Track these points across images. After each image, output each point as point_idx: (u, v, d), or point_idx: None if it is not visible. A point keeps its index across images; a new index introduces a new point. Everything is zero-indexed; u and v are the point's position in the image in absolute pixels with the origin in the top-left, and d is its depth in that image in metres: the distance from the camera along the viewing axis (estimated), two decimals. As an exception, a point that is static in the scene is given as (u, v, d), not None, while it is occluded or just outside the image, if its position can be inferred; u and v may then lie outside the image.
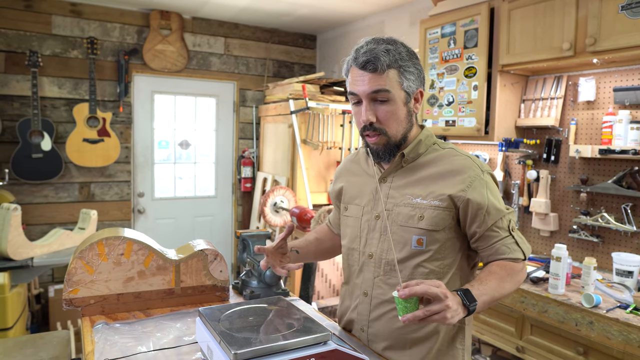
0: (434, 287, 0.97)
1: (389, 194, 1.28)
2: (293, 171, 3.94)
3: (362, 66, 1.18)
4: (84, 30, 3.83)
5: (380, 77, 1.17)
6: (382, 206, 1.27)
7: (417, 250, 1.21)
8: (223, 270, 1.68)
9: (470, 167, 1.21)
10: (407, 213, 1.22)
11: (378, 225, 1.28)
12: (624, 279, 2.12)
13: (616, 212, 2.34)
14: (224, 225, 4.64)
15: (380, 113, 1.20)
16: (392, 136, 1.22)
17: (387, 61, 1.17)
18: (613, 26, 2.03)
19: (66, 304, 1.49)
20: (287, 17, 4.19)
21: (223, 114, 4.54)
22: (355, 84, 1.20)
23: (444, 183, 1.21)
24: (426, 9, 3.41)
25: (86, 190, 3.90)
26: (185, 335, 1.37)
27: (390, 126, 1.21)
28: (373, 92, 1.18)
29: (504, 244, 1.20)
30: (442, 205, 1.19)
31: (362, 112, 1.20)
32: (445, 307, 0.96)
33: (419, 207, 1.21)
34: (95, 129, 3.76)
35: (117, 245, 1.52)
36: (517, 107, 2.70)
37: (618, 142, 2.27)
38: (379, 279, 1.27)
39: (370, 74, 1.17)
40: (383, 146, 1.23)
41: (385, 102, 1.19)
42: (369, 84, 1.17)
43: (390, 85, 1.18)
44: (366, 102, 1.19)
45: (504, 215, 1.21)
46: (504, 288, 1.13)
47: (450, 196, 1.19)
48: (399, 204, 1.24)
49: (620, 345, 1.77)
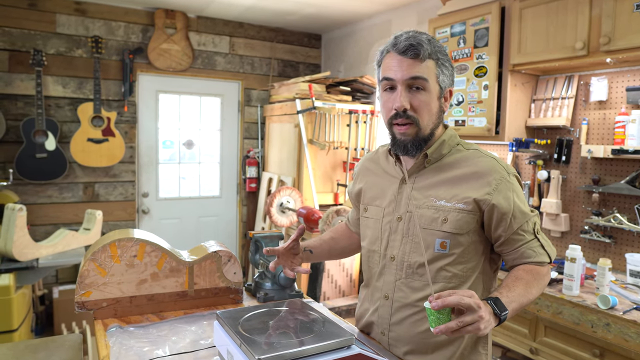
0: (467, 298, 0.95)
1: (411, 195, 1.24)
2: (299, 171, 3.92)
3: (403, 51, 1.14)
4: (89, 29, 3.81)
5: (420, 65, 1.14)
6: (404, 208, 1.25)
7: (440, 254, 1.19)
8: (237, 272, 1.66)
9: (496, 169, 1.18)
10: (430, 215, 1.19)
11: (400, 227, 1.25)
12: (638, 280, 2.10)
13: (629, 212, 2.32)
14: (228, 226, 4.61)
15: (415, 101, 1.16)
16: (423, 128, 1.18)
17: (429, 50, 1.15)
18: (628, 25, 2.01)
19: (78, 306, 1.47)
20: (292, 16, 4.16)
21: (228, 114, 4.52)
22: (392, 69, 1.16)
23: (469, 185, 1.18)
24: (434, 8, 3.39)
25: (90, 191, 3.88)
26: (201, 339, 1.35)
27: (423, 116, 1.17)
28: (411, 78, 1.14)
29: (530, 248, 1.18)
30: (467, 209, 1.16)
31: (396, 98, 1.16)
32: (478, 317, 0.94)
33: (442, 209, 1.18)
34: (99, 129, 3.74)
35: (130, 247, 1.50)
36: (527, 107, 2.68)
37: (631, 142, 2.25)
38: (400, 282, 1.24)
39: (410, 60, 1.14)
40: (412, 138, 1.18)
41: (421, 90, 1.16)
42: (407, 69, 1.14)
43: (428, 74, 1.15)
44: (402, 87, 1.15)
45: (529, 218, 1.19)
46: (531, 293, 1.12)
47: (475, 200, 1.16)
48: (421, 206, 1.21)
49: (638, 347, 1.75)
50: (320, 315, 1.24)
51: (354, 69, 4.39)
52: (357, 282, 4.04)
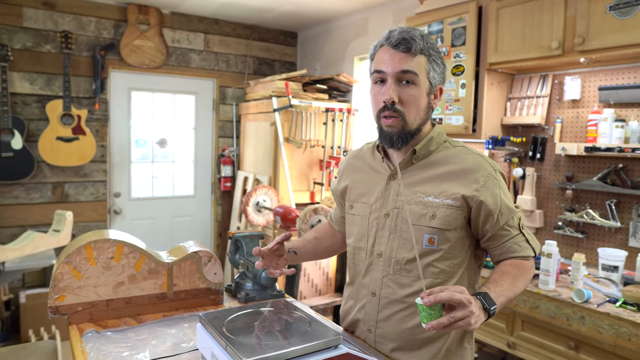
0: (458, 293, 0.95)
1: (399, 191, 1.24)
2: (275, 170, 3.89)
3: (396, 45, 1.16)
4: (58, 23, 3.68)
5: (411, 59, 1.16)
6: (392, 204, 1.25)
7: (428, 250, 1.19)
8: (217, 273, 1.62)
9: (483, 166, 1.20)
10: (418, 211, 1.20)
11: (388, 223, 1.25)
12: (609, 273, 2.16)
13: (601, 208, 2.38)
14: (203, 226, 4.54)
15: (403, 95, 1.17)
16: (410, 122, 1.19)
17: (421, 45, 1.17)
18: (601, 26, 2.06)
19: (52, 311, 1.41)
20: (268, 13, 4.12)
21: (202, 112, 4.44)
22: (384, 61, 1.18)
23: (457, 182, 1.19)
24: (410, 7, 3.41)
25: (60, 191, 3.75)
26: (182, 342, 1.31)
27: (410, 111, 1.18)
28: (401, 72, 1.16)
29: (515, 242, 1.20)
30: (455, 205, 1.17)
31: (386, 90, 1.17)
32: (469, 313, 0.95)
33: (431, 205, 1.19)
34: (69, 127, 3.62)
35: (107, 249, 1.45)
36: (503, 106, 2.72)
37: (603, 140, 2.31)
38: (388, 279, 1.24)
39: (401, 54, 1.16)
40: (398, 131, 1.19)
41: (411, 84, 1.17)
42: (399, 63, 1.16)
43: (419, 69, 1.17)
44: (392, 80, 1.17)
45: (514, 214, 1.21)
46: (518, 287, 1.14)
47: (463, 196, 1.17)
48: (409, 202, 1.22)
49: (611, 338, 1.79)
50: (306, 315, 1.22)
51: (331, 67, 4.38)
52: (333, 281, 4.03)
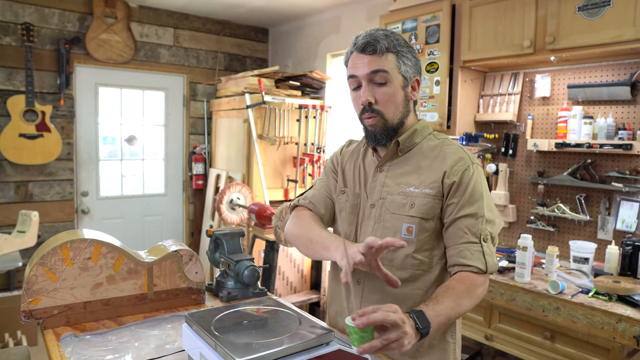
0: (392, 314, 0.91)
1: (385, 182, 1.28)
2: (249, 167, 3.84)
3: (362, 49, 1.21)
4: (18, 15, 3.51)
5: (379, 59, 1.20)
6: (377, 195, 1.28)
7: (406, 239, 1.21)
8: (199, 272, 1.59)
9: (462, 157, 1.23)
10: (399, 201, 1.24)
11: (373, 213, 1.28)
12: (580, 265, 2.23)
13: (571, 202, 2.46)
14: (175, 224, 4.45)
15: (378, 95, 1.22)
16: (389, 119, 1.24)
17: (386, 44, 1.20)
18: (571, 26, 2.13)
19: (25, 316, 1.34)
20: (239, 8, 4.06)
21: (172, 109, 4.35)
22: (355, 67, 1.23)
23: (435, 171, 1.23)
24: (383, 5, 3.43)
25: (23, 190, 3.59)
26: (166, 343, 1.28)
27: (387, 108, 1.23)
28: (372, 72, 1.20)
29: (469, 249, 1.15)
30: (432, 194, 1.21)
31: (361, 93, 1.22)
32: (402, 334, 0.90)
33: (411, 195, 1.23)
34: (33, 124, 3.47)
35: (84, 249, 1.39)
36: (476, 103, 2.77)
37: (572, 136, 2.38)
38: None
39: (369, 57, 1.21)
40: (380, 129, 1.24)
41: (383, 84, 1.21)
42: (368, 65, 1.20)
43: (389, 67, 1.21)
44: (365, 83, 1.22)
45: (481, 219, 1.17)
46: (461, 306, 1.08)
47: (438, 182, 1.20)
48: (392, 193, 1.26)
49: (585, 328, 1.86)
50: (295, 312, 1.21)
51: (303, 64, 4.36)
52: (308, 279, 4.03)
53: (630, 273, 2.06)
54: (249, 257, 1.66)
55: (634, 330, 1.72)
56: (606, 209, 2.33)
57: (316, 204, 1.41)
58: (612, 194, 2.32)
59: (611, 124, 2.28)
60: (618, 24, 1.98)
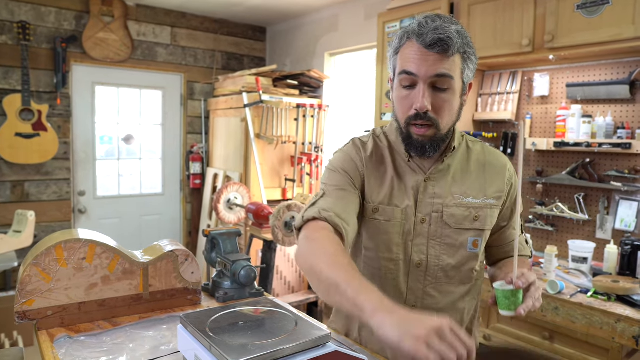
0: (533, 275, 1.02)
1: (435, 193, 1.15)
2: (246, 166, 3.83)
3: (430, 45, 1.01)
4: (14, 13, 3.49)
5: (447, 61, 1.03)
6: (428, 208, 1.15)
7: (472, 253, 1.16)
8: (195, 272, 1.57)
9: (507, 163, 1.22)
10: (460, 214, 1.14)
11: (425, 229, 1.15)
12: (579, 265, 2.23)
13: (569, 201, 2.46)
14: (172, 224, 4.43)
15: (437, 101, 1.06)
16: (442, 129, 1.09)
17: (459, 44, 1.03)
18: (570, 24, 2.12)
19: (19, 317, 1.33)
20: (237, 7, 4.05)
21: (170, 108, 4.33)
22: (414, 62, 1.03)
23: (492, 180, 1.18)
24: (381, 3, 3.41)
25: (20, 190, 3.57)
26: (161, 344, 1.26)
27: (443, 118, 1.07)
28: (436, 76, 1.03)
29: (519, 242, 1.24)
30: (495, 204, 1.17)
31: (417, 97, 1.05)
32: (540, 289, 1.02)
33: (472, 206, 1.15)
34: (29, 123, 3.45)
35: (78, 249, 1.38)
36: (474, 102, 2.76)
37: (571, 136, 2.38)
38: (431, 288, 1.17)
39: (436, 55, 1.02)
40: (429, 139, 1.09)
41: (444, 89, 1.05)
42: (434, 65, 1.02)
43: (454, 71, 1.05)
44: (425, 86, 1.04)
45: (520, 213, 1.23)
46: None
47: (501, 194, 1.18)
48: (449, 205, 1.14)
49: (584, 328, 1.85)
50: (291, 313, 1.19)
51: (301, 62, 4.34)
52: (306, 279, 4.02)
53: (629, 272, 2.05)
54: (245, 257, 1.64)
55: (633, 330, 1.72)
56: (605, 208, 2.33)
57: (345, 219, 1.10)
58: (611, 193, 2.31)
59: (610, 123, 2.27)
60: (617, 22, 1.97)
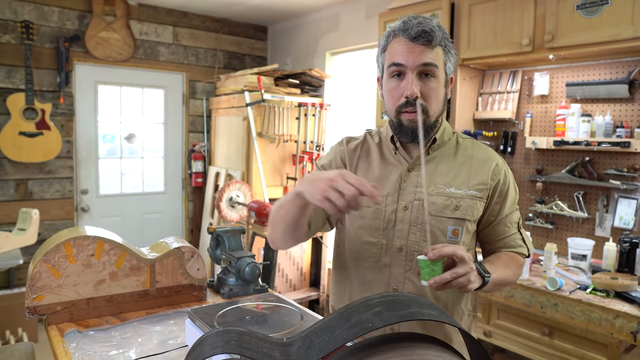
0: (460, 250, 0.98)
1: (418, 182, 1.20)
2: (248, 165, 3.85)
3: (415, 37, 1.10)
4: (17, 13, 3.51)
5: (431, 52, 1.12)
6: (411, 196, 1.21)
7: (452, 242, 1.18)
8: (200, 269, 1.60)
9: (496, 157, 1.24)
10: (441, 202, 1.18)
11: (407, 216, 1.20)
12: (578, 262, 2.25)
13: (569, 200, 2.48)
14: (174, 222, 4.46)
15: (425, 89, 1.14)
16: (431, 115, 1.17)
17: (440, 37, 1.13)
18: (569, 24, 2.14)
19: (29, 312, 1.35)
20: (238, 6, 4.07)
21: (172, 107, 4.35)
22: (402, 54, 1.12)
23: (477, 172, 1.21)
24: (382, 2, 3.43)
25: (23, 188, 3.60)
26: (169, 339, 1.29)
27: (432, 104, 1.15)
28: (423, 65, 1.12)
29: (513, 239, 1.24)
30: (477, 195, 1.19)
31: (406, 85, 1.13)
32: (470, 269, 0.97)
33: (454, 196, 1.18)
34: (33, 122, 3.47)
35: (87, 246, 1.41)
36: (474, 101, 2.78)
37: (571, 134, 2.40)
38: (410, 273, 1.20)
39: (421, 47, 1.11)
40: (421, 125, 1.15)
41: (431, 77, 1.14)
42: (420, 55, 1.11)
43: (438, 61, 1.14)
44: (413, 75, 1.12)
45: (516, 209, 1.24)
46: (507, 275, 1.16)
47: (484, 185, 1.20)
48: (431, 194, 1.19)
49: (583, 324, 1.88)
50: (297, 308, 1.22)
51: (302, 61, 4.37)
52: (307, 276, 4.04)
53: (628, 270, 2.07)
54: (250, 254, 1.67)
55: (631, 326, 1.74)
56: (604, 206, 2.35)
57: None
58: (610, 191, 2.33)
59: (609, 122, 2.30)
60: (616, 22, 2.00)
